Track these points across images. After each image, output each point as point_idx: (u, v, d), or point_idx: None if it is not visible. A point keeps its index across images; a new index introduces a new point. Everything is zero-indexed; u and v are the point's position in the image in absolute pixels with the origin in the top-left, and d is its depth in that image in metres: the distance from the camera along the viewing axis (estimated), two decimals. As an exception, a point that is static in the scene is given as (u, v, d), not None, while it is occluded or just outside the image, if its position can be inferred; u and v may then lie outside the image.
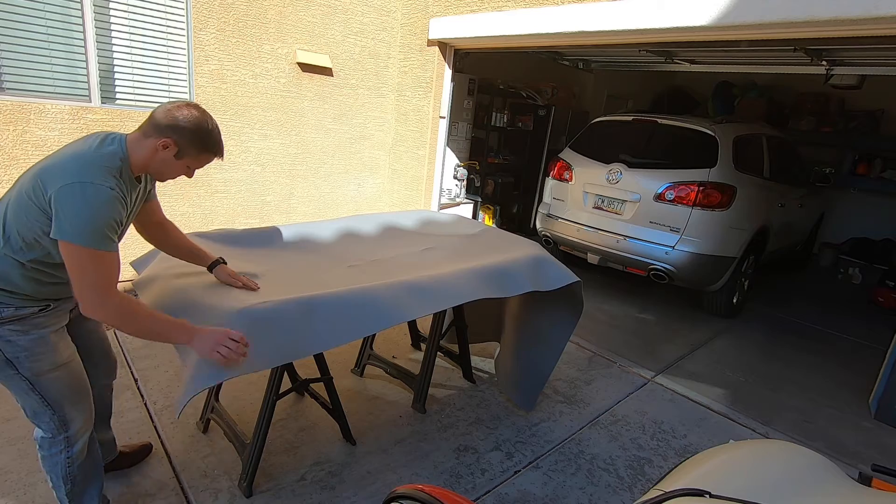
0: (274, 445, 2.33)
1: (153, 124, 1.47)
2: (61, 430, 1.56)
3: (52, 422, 1.54)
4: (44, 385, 1.48)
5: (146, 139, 1.47)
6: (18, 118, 3.24)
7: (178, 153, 1.49)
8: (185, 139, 1.48)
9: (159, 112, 1.48)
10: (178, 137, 1.47)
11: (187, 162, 1.53)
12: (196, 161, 1.55)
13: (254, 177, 4.47)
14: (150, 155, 1.47)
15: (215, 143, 1.56)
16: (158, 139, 1.46)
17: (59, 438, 1.57)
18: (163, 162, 1.50)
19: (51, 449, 1.58)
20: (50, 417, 1.53)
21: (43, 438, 1.58)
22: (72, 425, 1.58)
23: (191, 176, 1.60)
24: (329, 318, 1.74)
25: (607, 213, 4.48)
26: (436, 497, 0.97)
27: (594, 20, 3.49)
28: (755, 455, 1.25)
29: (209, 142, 1.53)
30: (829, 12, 2.55)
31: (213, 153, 1.57)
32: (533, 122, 6.59)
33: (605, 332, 4.06)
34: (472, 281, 2.15)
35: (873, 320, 5.11)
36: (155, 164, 1.50)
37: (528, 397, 2.82)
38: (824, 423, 3.08)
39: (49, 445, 1.58)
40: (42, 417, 1.53)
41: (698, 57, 5.12)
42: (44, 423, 1.54)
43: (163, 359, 2.96)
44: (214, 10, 3.91)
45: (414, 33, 4.99)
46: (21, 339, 1.42)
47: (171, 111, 1.47)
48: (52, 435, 1.56)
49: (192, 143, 1.49)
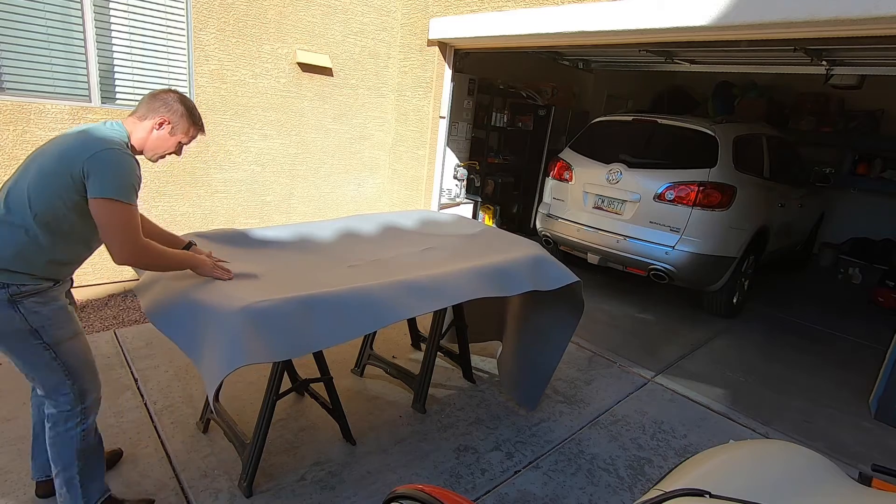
0: (274, 445, 2.33)
1: (146, 107, 1.71)
2: (78, 401, 1.67)
3: (70, 393, 1.65)
4: (64, 352, 1.62)
5: (142, 121, 1.70)
6: (18, 118, 3.24)
7: (171, 129, 1.74)
8: (176, 116, 1.73)
9: (148, 97, 1.72)
10: (170, 115, 1.72)
11: (178, 138, 1.78)
12: (185, 136, 1.79)
13: (254, 177, 4.47)
14: (147, 133, 1.71)
15: (198, 118, 1.83)
16: (154, 118, 1.70)
17: (76, 411, 1.67)
18: (158, 138, 1.73)
19: (66, 423, 1.66)
20: (69, 388, 1.64)
21: (59, 413, 1.65)
22: (88, 396, 1.70)
23: (180, 153, 1.84)
24: (328, 317, 1.74)
25: (607, 213, 4.48)
26: (436, 497, 0.97)
27: (594, 20, 3.49)
28: (755, 455, 1.25)
29: (195, 117, 1.81)
30: (829, 12, 2.55)
31: (199, 128, 1.83)
32: (533, 122, 6.59)
33: (605, 332, 4.06)
34: (471, 280, 2.15)
35: (873, 320, 5.10)
36: (151, 141, 1.72)
37: (531, 397, 2.82)
38: (824, 423, 3.08)
39: (66, 420, 1.66)
40: (62, 389, 1.64)
41: (698, 57, 5.11)
42: (63, 396, 1.64)
43: (163, 359, 2.96)
44: (214, 10, 3.91)
45: (414, 33, 4.99)
46: (44, 309, 1.57)
47: (159, 95, 1.73)
48: (70, 407, 1.65)
49: (182, 119, 1.75)
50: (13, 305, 1.52)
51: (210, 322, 1.66)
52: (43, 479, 1.89)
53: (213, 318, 1.66)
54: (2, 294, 1.50)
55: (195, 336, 1.69)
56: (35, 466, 1.89)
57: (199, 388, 2.74)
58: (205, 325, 1.67)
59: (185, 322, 1.74)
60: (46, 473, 1.87)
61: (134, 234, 1.60)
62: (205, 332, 1.66)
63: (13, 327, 1.53)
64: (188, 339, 1.71)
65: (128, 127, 1.68)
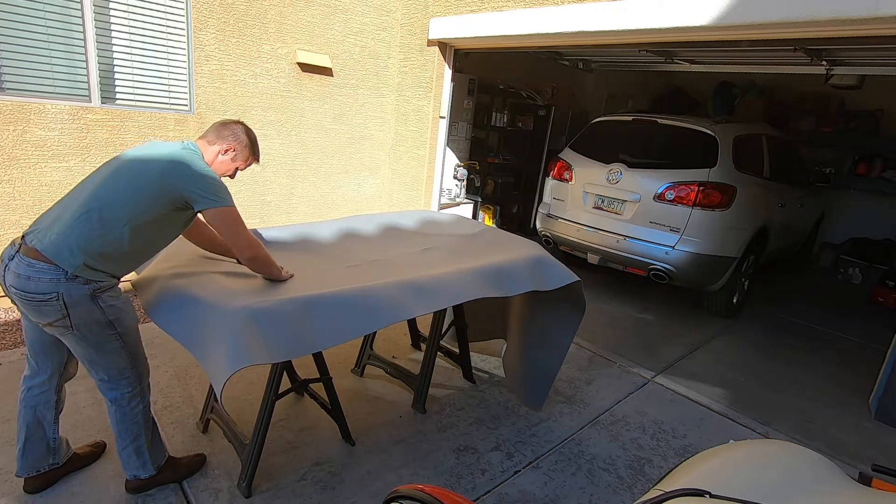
0: (274, 445, 2.33)
1: (215, 134, 1.91)
2: (137, 382, 1.85)
3: (132, 376, 1.83)
4: (130, 341, 1.80)
5: (210, 146, 1.91)
6: (18, 118, 3.24)
7: (234, 157, 1.95)
8: (241, 146, 1.95)
9: (219, 125, 1.94)
10: (237, 144, 1.94)
11: (238, 164, 1.98)
12: (244, 163, 2.01)
13: (254, 177, 4.47)
14: (214, 157, 1.91)
15: (258, 151, 2.05)
16: (222, 145, 1.91)
17: (136, 391, 1.85)
18: (222, 163, 1.93)
19: (131, 402, 1.84)
20: (131, 373, 1.82)
21: (123, 396, 1.82)
22: (144, 378, 1.89)
23: (234, 177, 2.04)
24: (328, 317, 1.74)
25: (607, 213, 4.48)
26: (436, 497, 0.97)
27: (594, 20, 3.49)
28: (755, 455, 1.25)
29: (256, 149, 2.03)
30: (829, 12, 2.55)
31: (256, 158, 2.06)
32: (533, 122, 6.59)
33: (605, 332, 4.06)
34: (471, 280, 2.15)
35: (873, 320, 5.10)
36: (216, 165, 1.91)
37: (537, 396, 2.82)
38: (824, 423, 3.08)
39: (129, 400, 1.84)
40: (126, 373, 1.81)
41: (698, 57, 5.12)
42: (125, 380, 1.81)
43: (163, 359, 2.96)
44: (214, 10, 3.91)
45: (414, 33, 4.99)
46: (118, 302, 1.74)
47: (229, 125, 1.94)
48: (132, 388, 1.83)
49: (245, 149, 1.97)
50: (95, 300, 1.66)
51: (210, 321, 1.66)
52: (32, 475, 1.93)
53: (213, 317, 1.66)
54: (86, 290, 1.63)
55: (196, 334, 1.69)
56: (24, 464, 1.91)
57: (198, 388, 2.74)
58: (205, 325, 1.67)
59: (185, 321, 1.74)
60: (37, 469, 1.92)
61: (246, 230, 1.87)
62: (205, 332, 1.66)
63: (94, 319, 1.67)
64: (189, 337, 1.71)
65: (201, 148, 1.89)
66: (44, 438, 1.90)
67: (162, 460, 2.00)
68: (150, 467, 1.95)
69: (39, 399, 1.86)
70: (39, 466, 1.92)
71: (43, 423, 1.89)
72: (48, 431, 1.91)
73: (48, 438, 1.91)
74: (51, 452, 1.93)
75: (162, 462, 2.00)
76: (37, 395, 1.86)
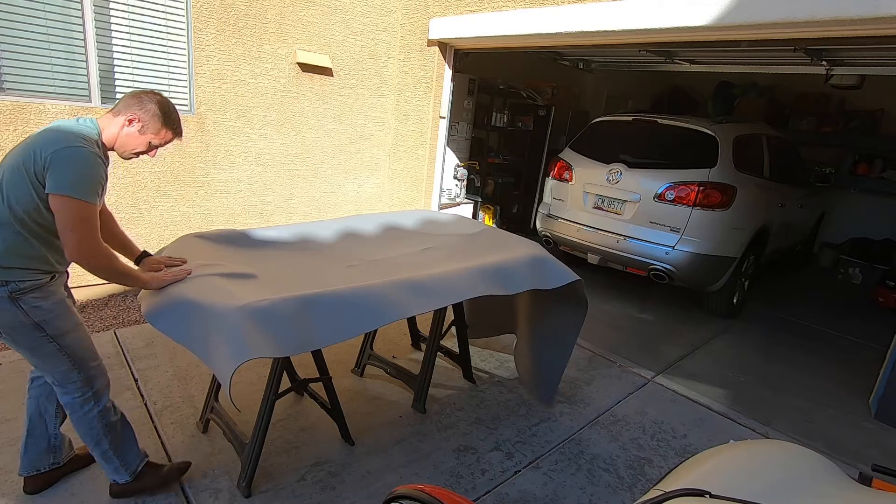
0: (274, 445, 2.33)
1: (123, 104, 1.73)
2: (87, 387, 1.75)
3: (79, 380, 1.73)
4: (68, 343, 1.69)
5: (115, 117, 1.72)
6: (18, 118, 3.24)
7: (141, 128, 1.74)
8: (147, 115, 1.74)
9: (128, 95, 1.75)
10: (142, 114, 1.73)
11: (148, 137, 1.77)
12: (156, 136, 1.79)
13: (254, 177, 4.47)
14: (118, 130, 1.72)
15: (174, 121, 1.81)
16: (127, 114, 1.72)
17: (87, 395, 1.76)
18: (127, 135, 1.74)
19: (83, 407, 1.76)
20: (77, 376, 1.73)
21: (73, 401, 1.74)
22: (96, 382, 1.78)
23: (153, 154, 1.84)
24: (328, 315, 1.75)
25: (607, 213, 4.48)
26: (436, 497, 0.97)
27: (594, 20, 3.49)
28: (755, 455, 1.25)
29: (170, 120, 1.79)
30: (829, 12, 2.55)
31: (172, 130, 1.82)
32: (533, 122, 6.59)
33: (605, 332, 4.06)
34: (471, 279, 2.15)
35: (873, 320, 5.10)
36: (120, 138, 1.73)
37: (547, 392, 2.88)
38: (824, 423, 3.08)
39: (80, 405, 1.75)
40: (70, 377, 1.72)
41: (698, 57, 5.11)
42: (71, 384, 1.73)
43: (163, 359, 2.96)
44: (214, 10, 3.91)
45: (414, 33, 4.99)
46: (45, 303, 1.63)
47: (138, 94, 1.75)
48: (82, 394, 1.75)
49: (153, 119, 1.75)
50: (15, 302, 1.57)
51: (211, 321, 1.66)
52: (32, 474, 1.92)
53: (214, 317, 1.66)
54: (2, 291, 1.55)
55: (198, 335, 1.69)
56: (25, 462, 1.91)
57: (198, 388, 2.73)
58: (206, 325, 1.67)
59: (186, 323, 1.73)
60: (37, 468, 1.92)
61: (90, 234, 1.58)
62: (207, 332, 1.66)
63: (18, 322, 1.59)
64: (191, 338, 1.71)
65: (101, 123, 1.71)
66: (45, 434, 1.90)
67: (137, 465, 1.92)
68: (124, 472, 1.88)
69: (42, 390, 1.88)
70: (40, 465, 1.92)
71: (45, 416, 1.89)
72: (49, 426, 1.90)
73: (49, 434, 1.91)
74: (51, 450, 1.93)
75: (137, 467, 1.92)
76: (39, 385, 1.88)
